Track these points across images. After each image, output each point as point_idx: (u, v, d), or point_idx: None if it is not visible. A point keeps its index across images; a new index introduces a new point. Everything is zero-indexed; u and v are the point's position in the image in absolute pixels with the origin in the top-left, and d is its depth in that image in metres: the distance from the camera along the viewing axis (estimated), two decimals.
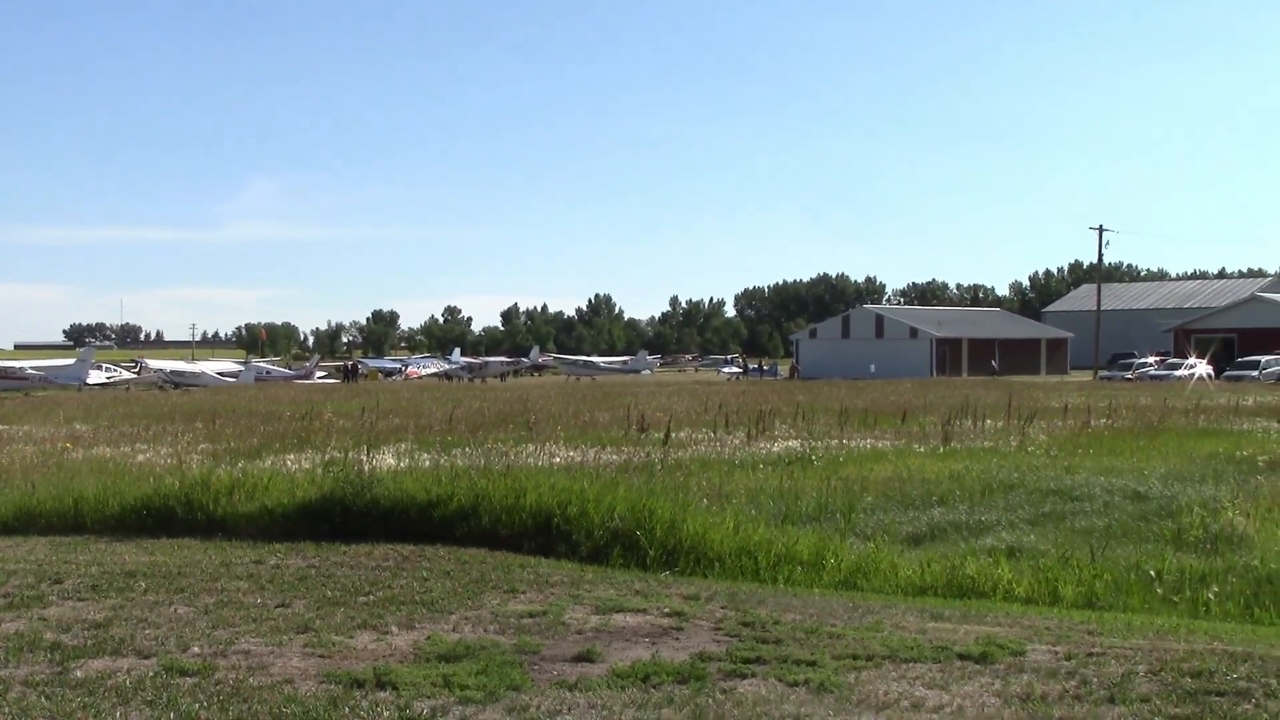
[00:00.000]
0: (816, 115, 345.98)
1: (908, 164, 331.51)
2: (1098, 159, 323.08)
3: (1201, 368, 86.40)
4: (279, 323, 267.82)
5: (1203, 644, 10.92)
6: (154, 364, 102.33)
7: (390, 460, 24.22)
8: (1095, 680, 9.20)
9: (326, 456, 24.29)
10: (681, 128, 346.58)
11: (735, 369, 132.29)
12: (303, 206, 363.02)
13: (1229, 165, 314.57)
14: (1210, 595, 14.24)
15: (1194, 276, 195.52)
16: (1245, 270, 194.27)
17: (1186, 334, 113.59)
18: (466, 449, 27.77)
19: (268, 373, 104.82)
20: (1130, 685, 9.04)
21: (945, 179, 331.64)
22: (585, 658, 9.98)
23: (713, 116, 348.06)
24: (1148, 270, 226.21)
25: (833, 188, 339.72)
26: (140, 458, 26.56)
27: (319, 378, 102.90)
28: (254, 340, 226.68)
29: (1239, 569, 15.29)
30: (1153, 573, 15.02)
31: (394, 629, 11.11)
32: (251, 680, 9.10)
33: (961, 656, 10.04)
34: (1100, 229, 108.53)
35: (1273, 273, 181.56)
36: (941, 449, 30.02)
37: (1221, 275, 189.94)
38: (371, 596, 12.67)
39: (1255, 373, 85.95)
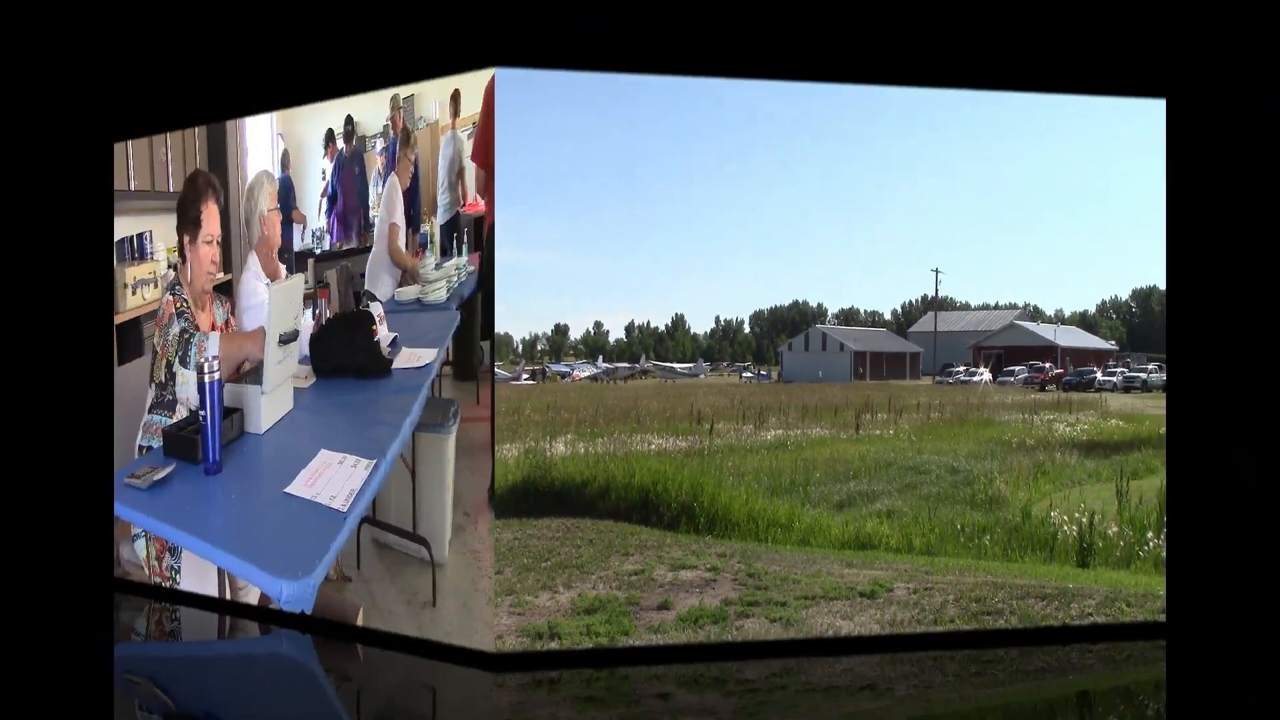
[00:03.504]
0: None
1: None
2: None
3: (986, 375, 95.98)
4: None
5: (981, 578, 14.14)
6: None
7: None
8: (925, 606, 12.50)
9: None
10: None
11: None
12: None
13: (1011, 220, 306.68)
14: (986, 541, 17.17)
15: (984, 308, 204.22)
16: (1007, 304, 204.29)
17: (978, 350, 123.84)
18: None
19: None
20: (944, 610, 12.43)
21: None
22: None
23: None
24: (964, 302, 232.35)
25: None
26: None
27: None
28: None
29: (1001, 522, 17.80)
30: (959, 526, 17.57)
31: None
32: None
33: (860, 594, 12.90)
34: (936, 271, 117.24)
35: (1020, 305, 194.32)
36: (856, 435, 32.72)
37: (997, 307, 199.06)
38: None
39: (1012, 379, 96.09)
